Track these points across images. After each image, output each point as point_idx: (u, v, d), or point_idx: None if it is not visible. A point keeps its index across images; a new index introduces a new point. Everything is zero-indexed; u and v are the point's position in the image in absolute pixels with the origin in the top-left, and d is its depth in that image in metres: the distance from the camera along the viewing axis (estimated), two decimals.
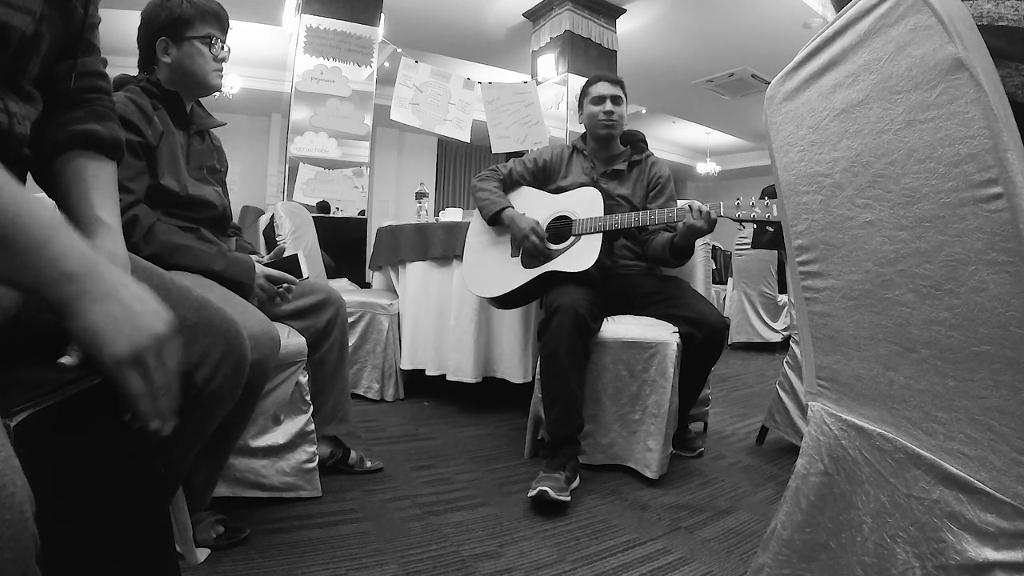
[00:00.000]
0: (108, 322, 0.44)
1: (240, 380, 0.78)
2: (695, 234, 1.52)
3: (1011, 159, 0.46)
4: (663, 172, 1.83)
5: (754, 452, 1.82)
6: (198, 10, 1.17)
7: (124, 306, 0.45)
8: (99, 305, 0.43)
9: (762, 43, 5.26)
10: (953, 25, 0.49)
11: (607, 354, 1.57)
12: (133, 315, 0.45)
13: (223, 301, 0.85)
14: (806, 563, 0.68)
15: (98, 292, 0.44)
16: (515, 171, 1.87)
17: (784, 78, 0.71)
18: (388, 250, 2.49)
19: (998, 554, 0.49)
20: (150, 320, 0.46)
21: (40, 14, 0.54)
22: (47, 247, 0.42)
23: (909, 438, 0.59)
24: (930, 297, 0.54)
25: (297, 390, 1.26)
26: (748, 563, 1.03)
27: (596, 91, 1.81)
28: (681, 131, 8.77)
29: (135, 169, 1.06)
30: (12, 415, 0.39)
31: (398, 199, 7.63)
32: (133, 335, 0.45)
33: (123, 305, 0.45)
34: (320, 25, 3.64)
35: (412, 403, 2.27)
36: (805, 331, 0.75)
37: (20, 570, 0.33)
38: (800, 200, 0.71)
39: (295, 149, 3.58)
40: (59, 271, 0.42)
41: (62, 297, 0.43)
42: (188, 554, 0.97)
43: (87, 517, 0.48)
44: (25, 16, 0.52)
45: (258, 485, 1.23)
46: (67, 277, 0.42)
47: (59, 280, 0.42)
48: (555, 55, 4.72)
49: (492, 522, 1.25)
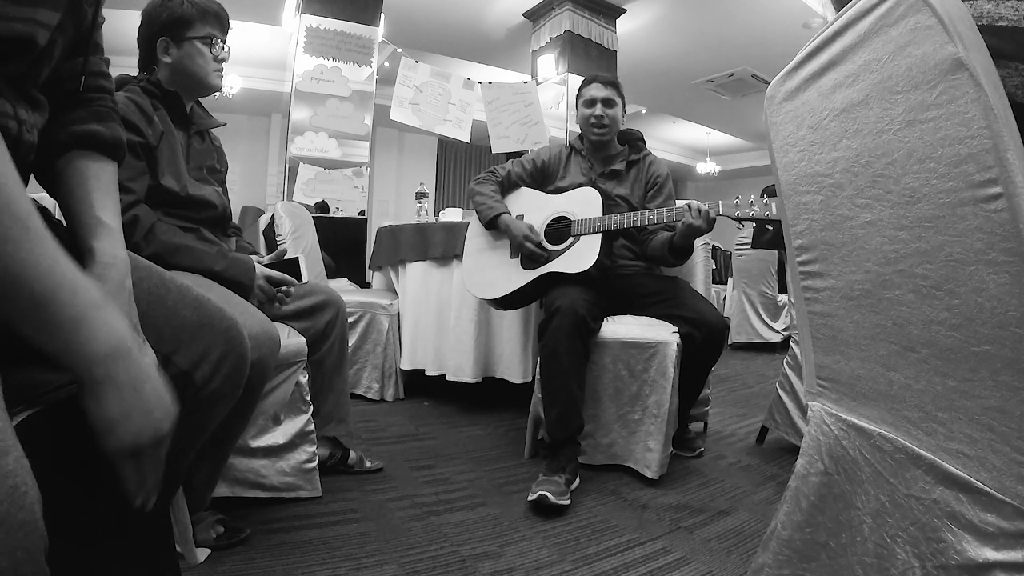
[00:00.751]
0: (122, 415, 0.44)
1: (240, 380, 0.78)
2: (694, 233, 1.52)
3: (1011, 159, 0.46)
4: (661, 171, 1.83)
5: (754, 452, 1.82)
6: (198, 10, 1.17)
7: (142, 401, 0.46)
8: (119, 394, 0.44)
9: (762, 43, 5.26)
10: (953, 25, 0.49)
11: (607, 354, 1.57)
12: (147, 412, 0.46)
13: (223, 301, 0.85)
14: (806, 563, 0.68)
15: (122, 381, 0.44)
16: (513, 172, 1.87)
17: (784, 78, 0.71)
18: (388, 250, 2.49)
19: (998, 554, 0.49)
20: (159, 419, 0.47)
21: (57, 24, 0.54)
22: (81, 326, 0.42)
23: (909, 438, 0.59)
24: (930, 297, 0.54)
25: (297, 390, 1.26)
26: (748, 563, 1.03)
27: (588, 93, 1.80)
28: (681, 131, 8.77)
29: (135, 169, 1.06)
30: (12, 415, 0.39)
31: (398, 199, 7.63)
32: (140, 432, 0.46)
33: (141, 400, 0.45)
34: (320, 25, 3.64)
35: (412, 403, 2.27)
36: (805, 331, 0.75)
37: (31, 569, 0.33)
38: (800, 200, 0.71)
39: (295, 149, 3.58)
40: (90, 352, 0.42)
41: (86, 377, 0.43)
42: (188, 554, 0.97)
43: (87, 517, 0.48)
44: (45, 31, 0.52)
45: (258, 485, 1.23)
46: (96, 360, 0.43)
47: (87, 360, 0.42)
48: (555, 55, 4.72)
49: (492, 522, 1.25)
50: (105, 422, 0.44)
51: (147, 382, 0.46)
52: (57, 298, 0.40)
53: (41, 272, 0.39)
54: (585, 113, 1.80)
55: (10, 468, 0.33)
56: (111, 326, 0.44)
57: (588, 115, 1.79)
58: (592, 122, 1.78)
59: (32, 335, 0.40)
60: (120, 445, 0.45)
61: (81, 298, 0.42)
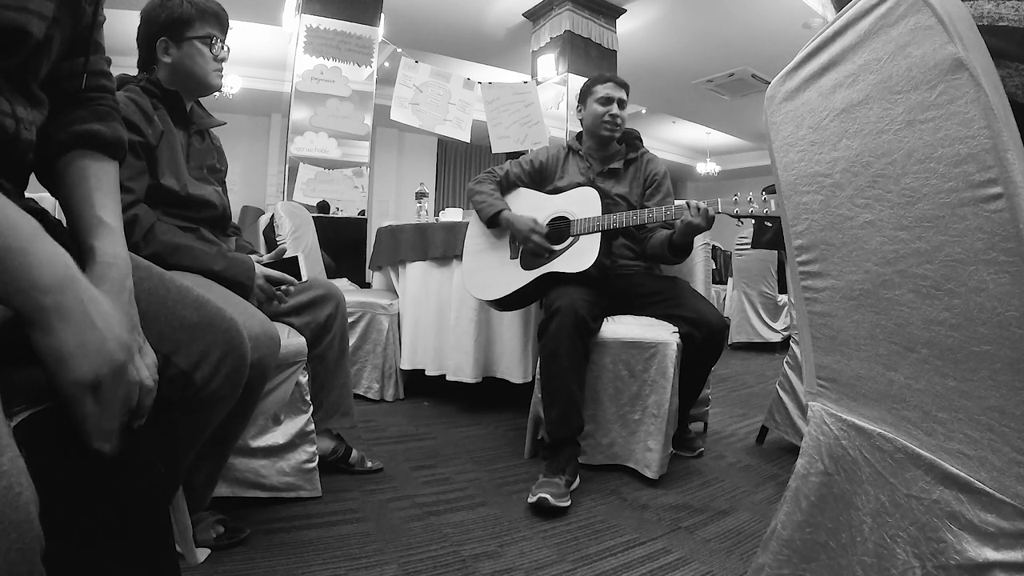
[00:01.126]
0: (77, 345, 0.42)
1: (240, 380, 0.78)
2: (693, 231, 1.52)
3: (1011, 159, 0.46)
4: (659, 169, 1.84)
5: (754, 452, 1.82)
6: (198, 10, 1.17)
7: (95, 330, 0.44)
8: (69, 324, 0.42)
9: (762, 43, 5.25)
10: (953, 25, 0.49)
11: (607, 354, 1.57)
12: (101, 341, 0.44)
13: (223, 301, 0.85)
14: (806, 563, 0.68)
15: (71, 310, 0.42)
16: (512, 172, 1.87)
17: (784, 78, 0.71)
18: (388, 250, 2.49)
19: (998, 554, 0.49)
20: (114, 349, 0.45)
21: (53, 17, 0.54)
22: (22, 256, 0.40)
23: (909, 438, 0.59)
24: (930, 297, 0.54)
25: (297, 390, 1.26)
26: (748, 563, 1.03)
27: (604, 91, 1.80)
28: (681, 131, 8.77)
29: (135, 169, 1.06)
30: (12, 415, 0.39)
31: (398, 199, 7.63)
32: (97, 361, 0.44)
33: (93, 327, 0.44)
34: (320, 25, 3.63)
35: (412, 403, 2.27)
36: (805, 331, 0.75)
37: (26, 569, 0.33)
38: (800, 200, 0.71)
39: (295, 149, 3.58)
40: (32, 282, 0.41)
41: (32, 308, 0.41)
42: (188, 554, 0.97)
43: (87, 517, 0.48)
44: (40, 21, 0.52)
45: (258, 485, 1.23)
46: (40, 289, 0.41)
47: (31, 291, 0.41)
48: (555, 55, 4.72)
49: (492, 522, 1.25)
50: (57, 354, 0.42)
51: (96, 308, 0.44)
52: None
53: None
54: (599, 111, 1.79)
55: (4, 468, 0.33)
56: (54, 256, 0.42)
57: (603, 112, 1.78)
58: (607, 120, 1.78)
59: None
60: (76, 377, 0.43)
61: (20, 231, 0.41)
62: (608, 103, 1.78)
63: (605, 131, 1.80)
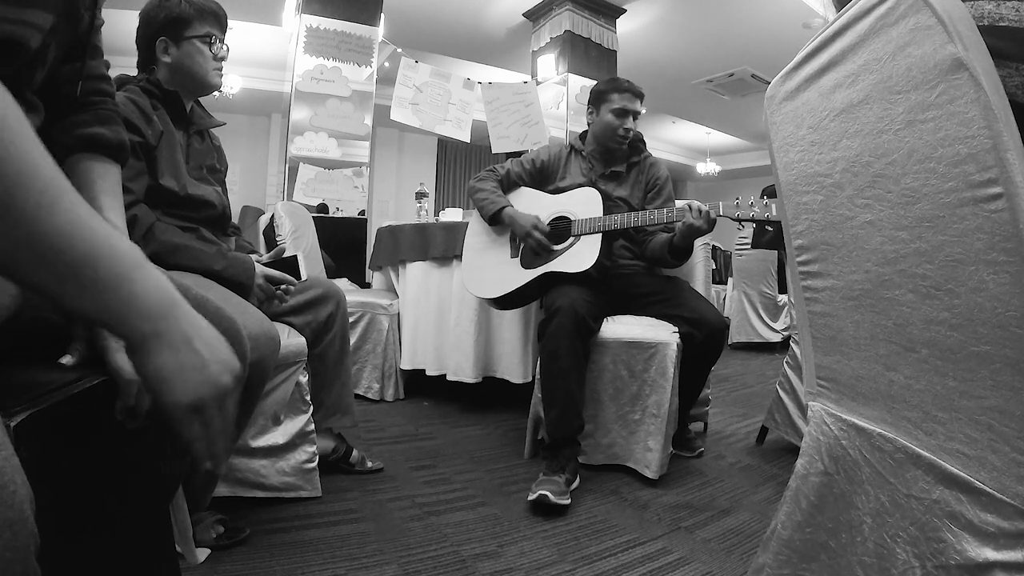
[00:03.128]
0: (176, 369, 0.43)
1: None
2: (694, 234, 1.52)
3: (1011, 159, 0.46)
4: (661, 173, 1.83)
5: (754, 452, 1.82)
6: (197, 9, 1.17)
7: (196, 354, 0.44)
8: (171, 350, 0.43)
9: (762, 43, 5.25)
10: (953, 25, 0.49)
11: (607, 354, 1.57)
12: (203, 364, 0.44)
13: (223, 301, 0.85)
14: (806, 563, 0.68)
15: (172, 336, 0.43)
16: (513, 172, 1.87)
17: (784, 78, 0.71)
18: (388, 250, 2.49)
19: (998, 554, 0.49)
20: (218, 371, 0.46)
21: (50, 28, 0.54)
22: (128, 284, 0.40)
23: (909, 438, 0.59)
24: (930, 297, 0.54)
25: (297, 390, 1.26)
26: (748, 563, 1.03)
27: (621, 103, 1.73)
28: (681, 131, 8.76)
29: (135, 169, 1.06)
30: (12, 415, 0.39)
31: (398, 199, 7.63)
32: (199, 386, 0.44)
33: (195, 353, 0.44)
34: (320, 25, 3.63)
35: (412, 403, 2.27)
36: (805, 331, 0.75)
37: (20, 568, 0.33)
38: (800, 200, 0.71)
39: (295, 149, 3.57)
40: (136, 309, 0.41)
41: (136, 335, 0.42)
42: (188, 554, 0.97)
43: (87, 517, 0.48)
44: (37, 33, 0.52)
45: (258, 485, 1.23)
46: (144, 317, 0.41)
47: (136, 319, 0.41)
48: (555, 55, 4.72)
49: (492, 522, 1.25)
50: (157, 379, 0.43)
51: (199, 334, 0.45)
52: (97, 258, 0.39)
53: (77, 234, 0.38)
54: (613, 123, 1.74)
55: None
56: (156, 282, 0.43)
57: (617, 126, 1.74)
58: (620, 134, 1.75)
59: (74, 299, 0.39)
60: (178, 401, 0.43)
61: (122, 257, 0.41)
62: (623, 116, 1.73)
63: (614, 143, 1.78)
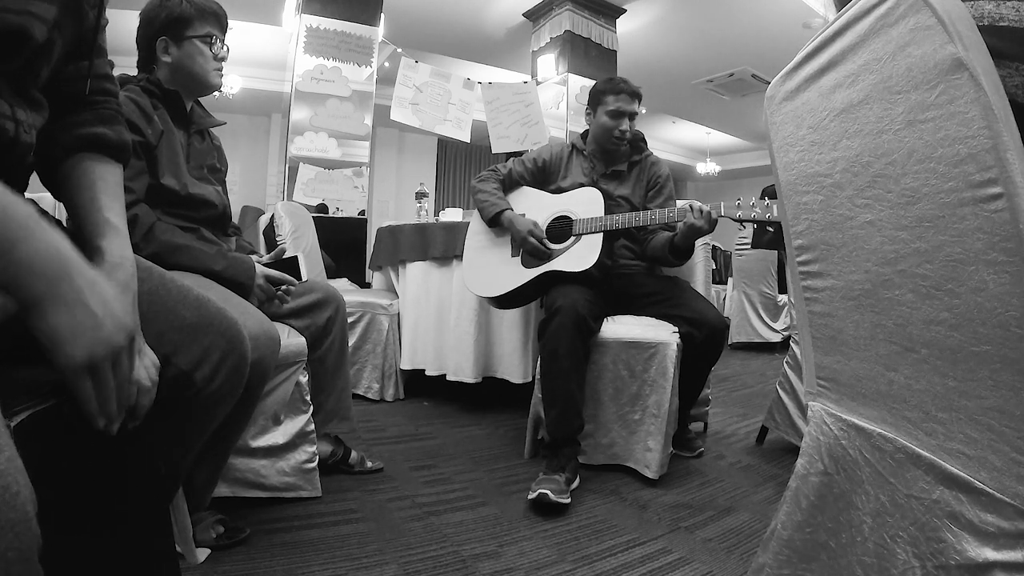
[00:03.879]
0: (69, 328, 0.43)
1: (240, 380, 0.78)
2: (695, 234, 1.52)
3: (1011, 159, 0.46)
4: (662, 172, 1.83)
5: (754, 452, 1.82)
6: (197, 9, 1.17)
7: (90, 314, 0.45)
8: (64, 309, 0.43)
9: (762, 43, 5.26)
10: (953, 25, 0.49)
11: (607, 354, 1.57)
12: (97, 324, 0.45)
13: (223, 301, 0.85)
14: (806, 563, 0.68)
15: (66, 295, 0.43)
16: (514, 171, 1.87)
17: (784, 78, 0.71)
18: (388, 250, 2.49)
19: (998, 554, 0.49)
20: (111, 330, 0.46)
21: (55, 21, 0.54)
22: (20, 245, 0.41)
23: (909, 438, 0.59)
24: (930, 297, 0.54)
25: (297, 390, 1.26)
26: (748, 563, 1.03)
27: (616, 104, 1.72)
28: (681, 131, 8.77)
29: (135, 168, 1.06)
30: (12, 415, 0.39)
31: (398, 199, 7.63)
32: (91, 344, 0.44)
33: (89, 313, 0.44)
34: (320, 25, 3.63)
35: (412, 403, 2.27)
36: (805, 331, 0.75)
37: (23, 569, 0.33)
38: (800, 200, 0.71)
39: (295, 149, 3.57)
40: (29, 269, 0.42)
41: (29, 295, 0.42)
42: (188, 554, 0.97)
43: (87, 517, 0.48)
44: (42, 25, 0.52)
45: (258, 485, 1.23)
46: (36, 276, 0.42)
47: (28, 278, 0.42)
48: (555, 55, 4.72)
49: (492, 522, 1.25)
50: (52, 339, 0.43)
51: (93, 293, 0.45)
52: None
53: None
54: (609, 124, 1.73)
55: (1, 468, 0.33)
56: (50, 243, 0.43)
57: (612, 127, 1.73)
58: (616, 135, 1.74)
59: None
60: (71, 361, 0.44)
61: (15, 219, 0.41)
62: (618, 117, 1.73)
63: (611, 145, 1.78)
